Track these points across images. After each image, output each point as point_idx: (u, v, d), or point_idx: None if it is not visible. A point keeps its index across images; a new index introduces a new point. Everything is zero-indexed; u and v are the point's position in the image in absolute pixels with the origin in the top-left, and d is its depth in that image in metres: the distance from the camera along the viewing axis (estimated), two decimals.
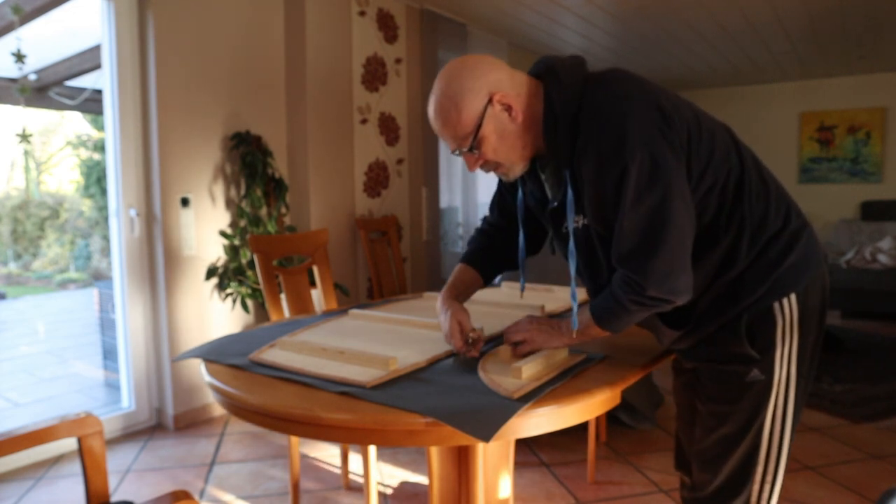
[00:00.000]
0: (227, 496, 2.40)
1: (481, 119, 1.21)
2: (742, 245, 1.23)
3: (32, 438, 1.29)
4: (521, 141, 1.26)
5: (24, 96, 2.59)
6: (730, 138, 1.28)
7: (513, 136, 1.24)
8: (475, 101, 1.21)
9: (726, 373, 1.28)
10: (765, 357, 1.24)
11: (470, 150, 1.24)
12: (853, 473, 2.54)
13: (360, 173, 3.90)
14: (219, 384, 1.26)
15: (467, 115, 1.21)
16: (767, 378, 1.25)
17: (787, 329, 1.24)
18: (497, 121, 1.22)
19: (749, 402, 1.26)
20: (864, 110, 6.78)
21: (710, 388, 1.32)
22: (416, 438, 1.10)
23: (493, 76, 1.22)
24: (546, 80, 1.25)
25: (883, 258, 5.81)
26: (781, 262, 1.23)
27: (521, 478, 2.51)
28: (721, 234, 1.23)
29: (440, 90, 1.24)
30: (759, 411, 1.26)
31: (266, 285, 2.21)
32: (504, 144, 1.25)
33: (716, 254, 1.24)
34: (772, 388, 1.25)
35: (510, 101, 1.22)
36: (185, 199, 3.09)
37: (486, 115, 1.21)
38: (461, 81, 1.22)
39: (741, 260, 1.23)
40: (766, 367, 1.25)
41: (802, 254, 1.25)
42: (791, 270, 1.24)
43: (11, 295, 7.22)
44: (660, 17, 4.53)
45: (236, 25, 3.30)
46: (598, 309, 1.25)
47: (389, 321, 1.73)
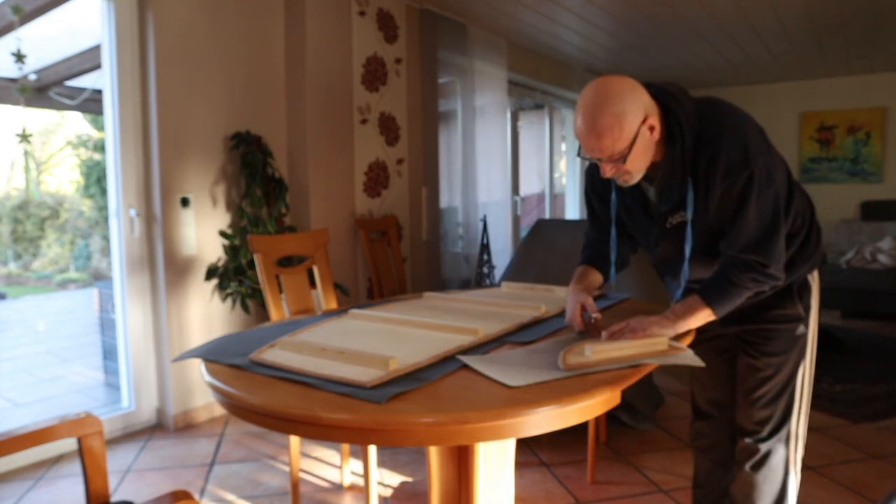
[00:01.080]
0: (228, 496, 2.40)
1: (636, 136, 1.39)
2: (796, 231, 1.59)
3: (32, 438, 1.29)
4: (651, 154, 1.46)
5: (24, 96, 2.59)
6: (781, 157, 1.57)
7: (649, 151, 1.45)
8: (635, 120, 1.38)
9: (780, 330, 1.64)
10: (807, 315, 1.65)
11: (620, 160, 1.42)
12: (853, 473, 2.54)
13: (360, 173, 3.90)
14: (219, 384, 1.26)
15: (628, 133, 1.38)
16: (806, 331, 1.65)
17: (815, 294, 1.68)
18: (644, 138, 1.41)
19: (796, 351, 1.65)
20: (864, 110, 6.77)
21: (763, 344, 1.66)
22: (416, 438, 1.10)
23: (645, 98, 1.42)
24: (668, 102, 1.45)
25: (883, 258, 5.81)
26: (817, 247, 1.65)
27: (521, 478, 2.51)
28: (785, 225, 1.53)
29: (599, 103, 1.37)
30: (801, 359, 1.66)
31: (266, 285, 2.21)
32: (643, 158, 1.45)
33: None
34: (808, 340, 1.66)
35: (654, 123, 1.42)
36: (185, 199, 3.09)
37: (639, 133, 1.39)
38: (624, 101, 1.38)
39: (795, 245, 1.59)
40: (807, 322, 1.66)
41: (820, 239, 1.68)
42: (819, 253, 1.66)
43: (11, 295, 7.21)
44: (659, 17, 4.53)
45: (236, 25, 3.30)
46: (709, 293, 1.48)
47: (389, 321, 1.73)
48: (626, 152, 1.39)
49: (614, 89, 1.38)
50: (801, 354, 1.65)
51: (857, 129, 6.83)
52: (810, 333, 1.67)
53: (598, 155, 1.42)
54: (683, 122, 1.44)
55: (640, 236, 1.69)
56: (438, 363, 1.35)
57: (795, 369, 1.65)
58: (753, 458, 1.68)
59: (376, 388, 1.18)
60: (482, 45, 4.77)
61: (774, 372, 1.65)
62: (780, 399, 1.66)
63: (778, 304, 1.64)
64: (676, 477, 2.52)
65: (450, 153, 4.71)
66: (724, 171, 1.41)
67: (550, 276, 2.99)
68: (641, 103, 1.40)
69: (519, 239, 5.56)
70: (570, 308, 1.59)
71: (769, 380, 1.66)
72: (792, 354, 1.64)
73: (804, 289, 1.65)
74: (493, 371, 1.28)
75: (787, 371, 1.65)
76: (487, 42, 4.84)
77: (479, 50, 4.73)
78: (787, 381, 1.66)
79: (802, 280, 1.65)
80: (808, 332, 1.66)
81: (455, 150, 4.73)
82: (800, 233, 1.61)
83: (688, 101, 1.47)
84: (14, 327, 6.34)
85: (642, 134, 1.40)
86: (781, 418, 1.67)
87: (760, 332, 1.67)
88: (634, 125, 1.38)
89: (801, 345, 1.65)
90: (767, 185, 1.42)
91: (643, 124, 1.39)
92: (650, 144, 1.44)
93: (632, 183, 1.50)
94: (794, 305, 1.63)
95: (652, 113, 1.42)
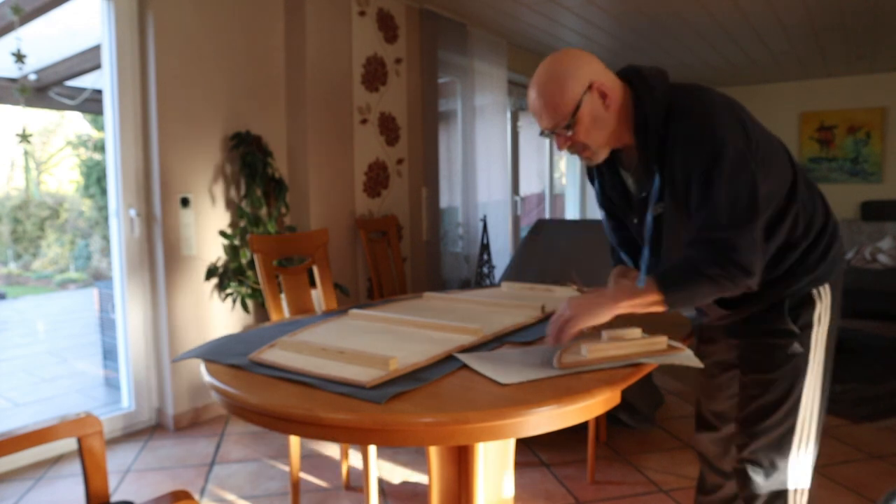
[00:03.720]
0: (228, 496, 2.40)
1: (580, 101, 1.35)
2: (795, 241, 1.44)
3: (32, 438, 1.29)
4: (610, 129, 1.40)
5: (24, 96, 2.59)
6: (785, 150, 1.46)
7: (604, 123, 1.39)
8: (577, 84, 1.35)
9: (770, 345, 1.47)
10: (804, 333, 1.45)
11: (566, 127, 1.37)
12: (853, 473, 2.54)
13: (360, 173, 3.90)
14: (219, 384, 1.26)
15: (570, 96, 1.35)
16: (805, 352, 1.45)
17: (822, 312, 1.47)
18: (593, 106, 1.36)
19: (790, 372, 1.45)
20: (864, 110, 6.77)
21: (753, 359, 1.51)
22: (416, 438, 1.10)
23: (594, 66, 1.38)
24: (636, 85, 1.40)
25: (883, 258, 5.81)
26: (825, 257, 1.46)
27: (521, 478, 2.51)
28: (777, 232, 1.42)
29: (545, 72, 1.37)
30: (797, 382, 1.45)
31: (266, 285, 2.21)
32: (595, 128, 1.38)
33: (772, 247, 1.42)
34: (808, 361, 1.46)
35: (606, 91, 1.37)
36: (185, 199, 3.09)
37: (584, 98, 1.35)
38: (566, 66, 1.36)
39: (795, 253, 1.44)
40: (804, 342, 1.45)
41: (837, 249, 1.50)
42: (830, 264, 1.47)
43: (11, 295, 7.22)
44: (659, 17, 4.53)
45: (236, 25, 3.30)
46: (665, 273, 1.34)
47: (389, 321, 1.73)
48: (570, 118, 1.35)
49: (558, 57, 1.38)
50: (795, 377, 1.45)
51: (857, 129, 6.82)
52: (812, 356, 1.45)
53: (545, 125, 1.39)
54: (647, 105, 1.37)
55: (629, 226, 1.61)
56: (438, 363, 1.35)
57: (789, 394, 1.45)
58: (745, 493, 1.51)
59: (376, 388, 1.18)
60: (482, 45, 4.77)
61: (761, 391, 1.47)
62: (767, 421, 1.47)
63: (768, 318, 1.47)
64: (676, 477, 2.52)
65: (450, 153, 4.71)
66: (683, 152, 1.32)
67: (550, 276, 2.99)
68: (588, 70, 1.36)
69: (519, 239, 5.55)
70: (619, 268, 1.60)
71: (757, 398, 1.48)
72: (783, 374, 1.45)
73: (804, 304, 1.45)
74: (487, 369, 1.28)
75: (776, 393, 1.46)
76: (487, 42, 4.84)
77: (479, 50, 4.73)
78: (777, 404, 1.46)
79: (804, 294, 1.46)
80: (811, 355, 1.45)
81: (455, 150, 4.73)
82: (800, 243, 1.44)
83: (659, 84, 1.39)
84: (14, 327, 6.34)
85: (590, 100, 1.35)
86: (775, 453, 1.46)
87: (749, 345, 1.52)
88: (577, 89, 1.34)
89: (794, 366, 1.45)
90: (740, 170, 1.29)
91: (589, 90, 1.35)
92: (604, 115, 1.37)
93: (596, 161, 1.45)
94: (783, 320, 1.44)
95: (606, 83, 1.37)
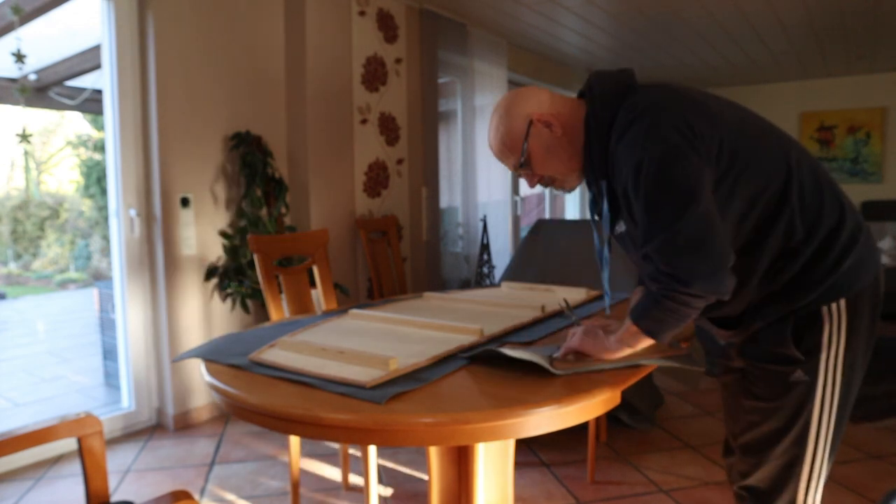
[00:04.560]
0: (228, 496, 2.40)
1: (525, 137, 1.37)
2: (795, 248, 1.26)
3: (32, 438, 1.29)
4: (566, 153, 1.39)
5: (24, 96, 2.59)
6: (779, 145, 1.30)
7: (557, 149, 1.38)
8: (519, 124, 1.38)
9: (771, 371, 1.31)
10: (810, 360, 1.27)
11: (522, 165, 1.40)
12: (853, 473, 2.54)
13: (360, 173, 3.90)
14: (219, 384, 1.26)
15: (515, 137, 1.38)
16: (811, 380, 1.27)
17: (833, 333, 1.26)
18: (540, 137, 1.38)
19: (792, 401, 1.29)
20: (864, 110, 6.77)
21: (754, 385, 1.35)
22: (416, 438, 1.10)
23: (532, 101, 1.39)
24: (587, 97, 1.38)
25: (883, 258, 5.81)
26: (838, 267, 1.25)
27: (521, 478, 2.51)
28: (769, 237, 1.26)
29: (494, 123, 1.42)
30: (802, 412, 1.29)
31: (266, 285, 2.21)
32: (550, 158, 1.39)
33: (765, 255, 1.27)
34: (815, 390, 1.27)
35: (548, 119, 1.37)
36: (185, 199, 3.09)
37: (529, 134, 1.37)
38: (506, 108, 1.40)
39: (797, 262, 1.26)
40: (810, 369, 1.27)
41: (858, 257, 1.26)
42: (845, 275, 1.25)
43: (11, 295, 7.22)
44: (659, 17, 4.53)
45: (236, 25, 3.30)
46: (637, 313, 1.28)
47: (389, 321, 1.73)
48: (521, 157, 1.38)
49: (501, 103, 1.42)
50: (798, 408, 1.29)
51: (857, 129, 6.83)
52: (821, 385, 1.27)
53: (508, 166, 1.44)
54: (590, 118, 1.34)
55: None
56: (438, 363, 1.35)
57: (791, 425, 1.29)
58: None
59: (376, 388, 1.18)
60: (482, 45, 4.77)
61: (759, 419, 1.34)
62: (766, 452, 1.34)
63: (767, 340, 1.31)
64: (676, 477, 2.52)
65: (450, 153, 4.71)
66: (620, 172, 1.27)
67: (550, 276, 2.99)
68: (527, 105, 1.38)
69: (519, 239, 5.55)
70: None
71: (754, 426, 1.36)
72: (784, 404, 1.30)
73: (811, 325, 1.26)
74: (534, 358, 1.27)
75: (775, 423, 1.31)
76: (487, 42, 4.84)
77: (479, 50, 4.73)
78: (777, 437, 1.31)
79: (810, 312, 1.26)
80: (819, 383, 1.27)
81: (455, 150, 4.73)
82: (802, 249, 1.25)
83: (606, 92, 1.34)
84: (14, 327, 6.34)
85: (536, 134, 1.37)
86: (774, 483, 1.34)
87: (749, 368, 1.38)
88: (519, 126, 1.37)
89: (797, 395, 1.28)
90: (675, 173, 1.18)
91: (532, 125, 1.36)
92: (554, 143, 1.37)
93: (570, 189, 1.46)
94: (784, 343, 1.27)
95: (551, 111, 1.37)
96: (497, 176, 4.94)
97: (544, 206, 6.65)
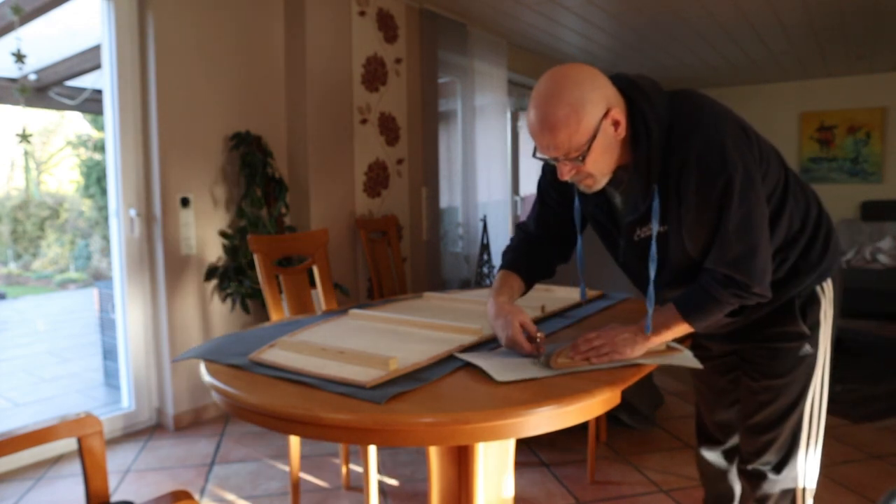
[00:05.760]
0: (228, 496, 2.40)
1: (596, 131, 1.22)
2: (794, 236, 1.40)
3: (32, 438, 1.29)
4: (617, 155, 1.30)
5: (24, 96, 2.59)
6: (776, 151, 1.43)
7: (612, 151, 1.28)
8: (595, 112, 1.22)
9: (781, 349, 1.45)
10: (813, 333, 1.44)
11: (576, 159, 1.25)
12: (853, 473, 2.54)
13: (360, 173, 3.90)
14: (219, 384, 1.25)
15: (586, 126, 1.21)
16: (814, 351, 1.45)
17: (826, 308, 1.45)
18: (606, 135, 1.24)
19: (801, 374, 1.45)
20: (864, 110, 6.77)
21: (762, 365, 1.48)
22: (416, 438, 1.10)
23: (608, 90, 1.25)
24: (635, 97, 1.28)
25: (883, 258, 5.81)
26: (827, 248, 1.44)
27: (521, 478, 2.51)
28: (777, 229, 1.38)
29: (555, 94, 1.21)
30: (808, 382, 1.46)
31: (266, 285, 2.21)
32: (605, 157, 1.27)
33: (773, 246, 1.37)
34: (817, 360, 1.46)
35: (619, 118, 1.25)
36: (185, 199, 3.09)
37: (600, 127, 1.23)
38: (583, 90, 1.21)
39: (796, 248, 1.41)
40: (813, 341, 1.45)
41: (835, 242, 1.47)
42: (829, 257, 1.44)
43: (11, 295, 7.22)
44: (659, 16, 4.53)
45: (236, 25, 3.30)
46: (686, 305, 1.34)
47: (389, 321, 1.73)
48: (584, 149, 1.22)
49: (571, 77, 1.22)
50: (807, 378, 1.46)
51: (857, 129, 6.82)
52: (820, 354, 1.45)
53: (553, 153, 1.25)
54: (650, 121, 1.26)
55: (608, 247, 1.52)
56: (438, 363, 1.35)
57: (801, 396, 1.47)
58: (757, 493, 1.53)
59: (376, 388, 1.18)
60: (482, 45, 4.77)
61: (773, 396, 1.47)
62: (779, 427, 1.48)
63: (778, 321, 1.44)
64: (676, 477, 2.52)
65: (450, 153, 4.71)
66: (697, 178, 1.24)
67: None
68: (603, 94, 1.23)
69: None
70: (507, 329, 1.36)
71: (767, 405, 1.48)
72: (795, 378, 1.45)
73: (810, 303, 1.43)
74: (486, 365, 1.29)
75: (789, 397, 1.47)
76: (487, 42, 4.84)
77: (479, 50, 4.73)
78: (790, 409, 1.47)
79: (809, 293, 1.43)
80: (819, 353, 1.45)
81: (455, 150, 4.73)
82: (799, 238, 1.41)
83: (658, 97, 1.29)
84: (14, 327, 6.34)
85: (604, 129, 1.23)
86: (785, 452, 1.49)
87: (760, 350, 1.49)
88: (594, 118, 1.21)
89: (806, 367, 1.45)
90: (749, 188, 1.25)
91: (605, 118, 1.22)
92: (613, 143, 1.26)
93: (595, 189, 1.33)
94: (795, 322, 1.42)
95: (617, 106, 1.25)
96: (497, 176, 4.94)
97: None
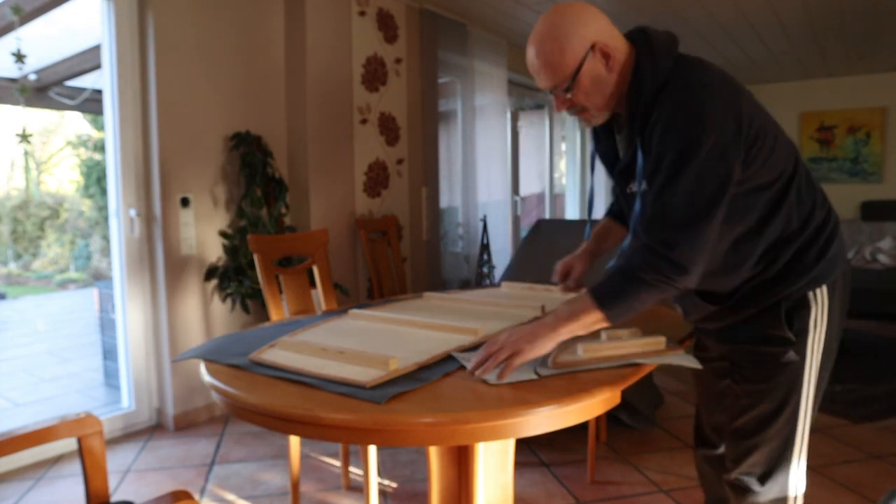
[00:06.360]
0: (228, 496, 2.40)
1: (582, 63, 1.28)
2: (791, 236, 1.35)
3: (32, 438, 1.29)
4: (609, 91, 1.32)
5: (24, 96, 2.59)
6: (791, 144, 1.39)
7: (605, 86, 1.31)
8: (579, 45, 1.27)
9: (763, 353, 1.39)
10: (799, 340, 1.36)
11: (565, 90, 1.31)
12: (853, 473, 2.54)
13: (360, 173, 3.90)
14: (219, 384, 1.26)
15: (570, 57, 1.27)
16: (801, 360, 1.37)
17: (818, 316, 1.37)
18: (595, 67, 1.29)
19: (784, 381, 1.37)
20: (864, 110, 6.77)
21: (746, 368, 1.42)
22: (416, 438, 1.10)
23: (598, 25, 1.29)
24: (640, 49, 1.32)
25: (883, 258, 5.81)
26: (823, 256, 1.36)
27: (521, 478, 2.51)
28: (770, 227, 1.33)
29: (546, 29, 1.29)
30: (794, 391, 1.38)
31: (266, 285, 2.21)
32: (595, 91, 1.31)
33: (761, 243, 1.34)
34: (804, 369, 1.38)
35: (610, 52, 1.29)
36: (185, 199, 3.09)
37: (586, 59, 1.28)
38: (569, 25, 1.27)
39: (790, 249, 1.35)
40: (800, 349, 1.37)
41: (836, 250, 1.39)
42: (828, 264, 1.37)
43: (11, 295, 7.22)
44: (659, 16, 4.53)
45: (236, 25, 3.30)
46: (599, 287, 1.26)
47: (389, 321, 1.73)
48: (569, 80, 1.28)
49: (560, 12, 1.29)
50: (790, 387, 1.38)
51: (857, 129, 6.82)
52: (807, 364, 1.37)
53: (543, 84, 1.32)
54: (646, 74, 1.28)
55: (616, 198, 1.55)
56: (438, 363, 1.35)
57: (783, 404, 1.38)
58: None
59: (376, 388, 1.18)
60: (482, 45, 4.77)
61: (754, 402, 1.40)
62: (760, 434, 1.40)
63: (762, 324, 1.38)
64: (676, 477, 2.52)
65: (450, 153, 4.71)
66: (662, 131, 1.23)
67: (550, 276, 2.98)
68: (594, 28, 1.28)
69: (519, 239, 5.55)
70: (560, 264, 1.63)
71: (748, 409, 1.42)
72: (777, 385, 1.38)
73: (799, 308, 1.36)
74: None
75: (771, 404, 1.39)
76: (487, 42, 4.84)
77: (479, 50, 4.73)
78: (771, 416, 1.39)
79: (799, 298, 1.36)
80: (806, 363, 1.37)
81: (455, 150, 4.73)
82: (795, 238, 1.35)
83: (665, 55, 1.30)
84: (14, 327, 6.34)
85: (591, 61, 1.27)
86: (771, 464, 1.41)
87: (742, 353, 1.44)
88: (579, 49, 1.26)
89: (790, 375, 1.37)
90: (714, 164, 1.20)
91: (592, 50, 1.27)
92: (605, 78, 1.30)
93: (594, 124, 1.39)
94: (779, 327, 1.35)
95: (612, 44, 1.29)
96: (497, 176, 4.94)
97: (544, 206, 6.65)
